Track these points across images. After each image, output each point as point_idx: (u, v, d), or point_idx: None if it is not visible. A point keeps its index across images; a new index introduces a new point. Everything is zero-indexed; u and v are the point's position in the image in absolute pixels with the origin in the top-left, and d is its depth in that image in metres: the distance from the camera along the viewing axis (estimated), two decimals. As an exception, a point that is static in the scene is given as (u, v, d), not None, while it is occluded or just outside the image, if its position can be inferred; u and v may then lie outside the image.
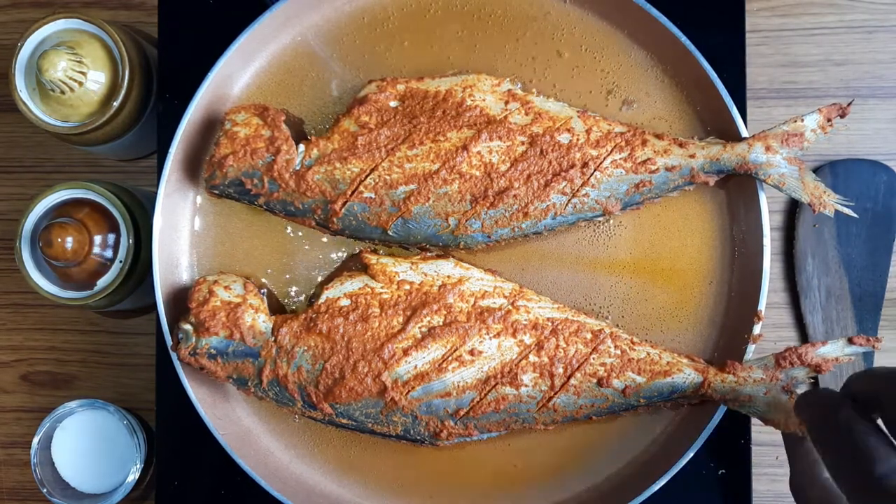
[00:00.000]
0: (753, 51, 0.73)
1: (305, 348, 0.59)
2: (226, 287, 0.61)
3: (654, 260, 0.64)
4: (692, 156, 0.61)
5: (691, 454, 0.61)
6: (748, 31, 0.68)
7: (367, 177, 0.60)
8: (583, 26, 0.65)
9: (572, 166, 0.60)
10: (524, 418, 0.60)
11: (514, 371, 0.59)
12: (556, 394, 0.59)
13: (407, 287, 0.60)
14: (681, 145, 0.61)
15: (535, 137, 0.60)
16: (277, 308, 0.64)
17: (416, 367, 0.59)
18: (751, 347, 0.61)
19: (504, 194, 0.60)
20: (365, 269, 0.61)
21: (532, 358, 0.59)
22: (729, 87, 0.62)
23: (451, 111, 0.60)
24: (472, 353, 0.59)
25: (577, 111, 0.62)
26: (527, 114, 0.61)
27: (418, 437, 0.61)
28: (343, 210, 0.61)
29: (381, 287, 0.60)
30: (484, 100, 0.61)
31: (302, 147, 0.61)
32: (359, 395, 0.59)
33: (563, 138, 0.60)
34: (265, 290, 0.64)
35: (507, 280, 0.62)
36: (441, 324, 0.59)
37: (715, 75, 0.61)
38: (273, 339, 0.60)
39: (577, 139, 0.61)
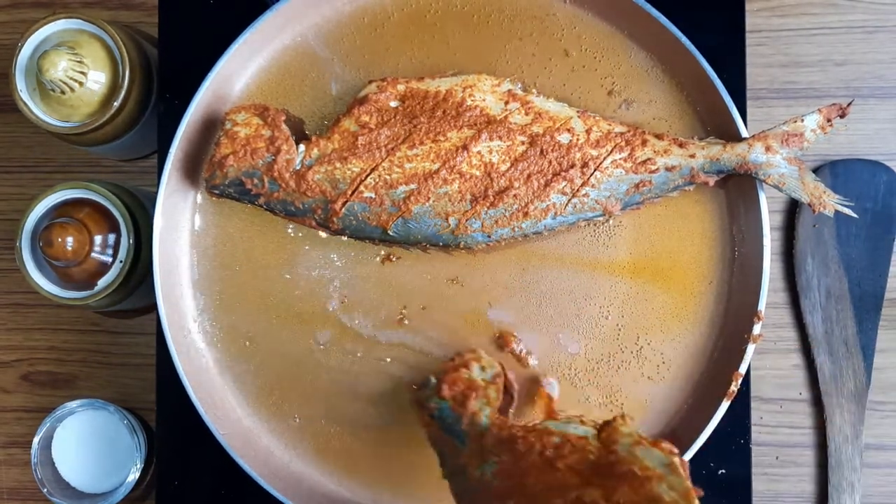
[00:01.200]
0: (753, 51, 0.73)
1: (496, 461, 0.53)
2: (482, 367, 0.60)
3: (654, 260, 0.64)
4: (692, 156, 0.61)
5: (691, 454, 0.61)
6: (748, 31, 0.68)
7: (367, 177, 0.60)
8: (583, 26, 0.65)
9: (572, 166, 0.60)
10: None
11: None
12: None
13: None
14: (681, 145, 0.61)
15: (535, 137, 0.60)
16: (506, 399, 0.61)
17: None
18: (750, 347, 0.61)
19: (504, 194, 0.60)
20: (603, 424, 0.53)
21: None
22: (729, 87, 0.62)
23: (452, 111, 0.60)
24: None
25: (577, 111, 0.62)
26: (527, 114, 0.61)
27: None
28: (343, 210, 0.61)
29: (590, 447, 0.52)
30: (484, 100, 0.61)
31: (302, 147, 0.61)
32: None
33: (563, 138, 0.60)
34: (499, 375, 0.61)
35: None
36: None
37: (715, 75, 0.61)
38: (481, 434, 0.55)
39: (577, 139, 0.61)
